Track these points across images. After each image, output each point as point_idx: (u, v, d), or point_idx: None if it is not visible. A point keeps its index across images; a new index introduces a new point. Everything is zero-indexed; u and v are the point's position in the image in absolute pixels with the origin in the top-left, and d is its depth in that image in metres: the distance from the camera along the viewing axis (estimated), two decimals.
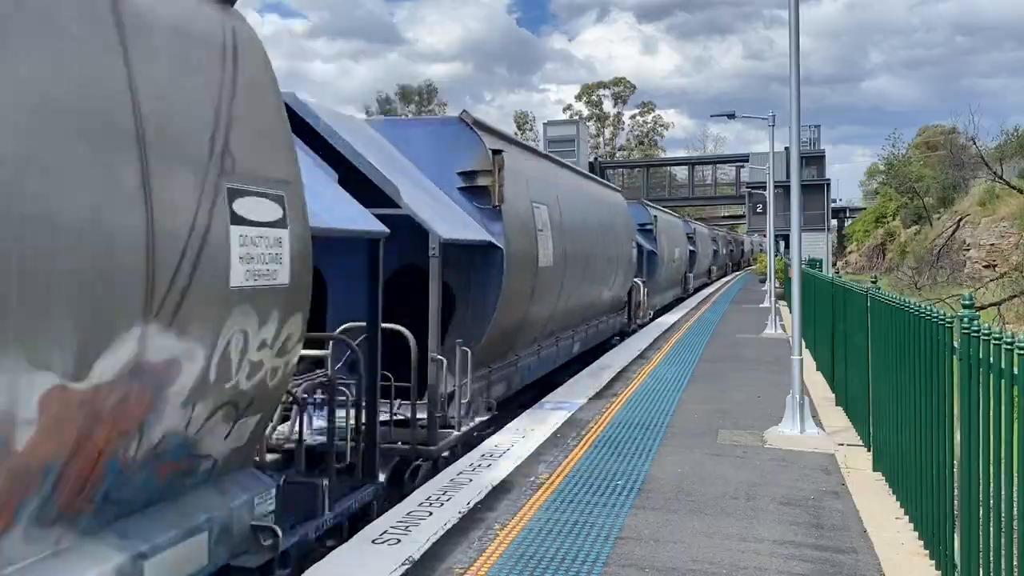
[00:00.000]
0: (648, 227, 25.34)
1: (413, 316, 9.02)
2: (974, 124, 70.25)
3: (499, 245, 9.83)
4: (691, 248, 36.78)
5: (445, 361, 8.86)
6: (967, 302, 5.04)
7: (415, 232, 8.55)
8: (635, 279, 21.44)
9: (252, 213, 4.39)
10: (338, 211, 6.22)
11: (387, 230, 6.70)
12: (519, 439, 9.26)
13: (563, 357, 14.44)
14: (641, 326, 22.51)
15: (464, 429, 9.09)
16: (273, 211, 4.59)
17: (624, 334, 20.63)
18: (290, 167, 4.87)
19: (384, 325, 7.27)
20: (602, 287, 16.64)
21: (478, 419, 9.54)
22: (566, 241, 12.96)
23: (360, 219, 6.47)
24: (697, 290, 40.23)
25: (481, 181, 9.91)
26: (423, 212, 8.61)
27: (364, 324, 7.03)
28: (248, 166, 4.42)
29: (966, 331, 4.71)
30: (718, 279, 53.31)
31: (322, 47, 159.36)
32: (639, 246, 22.34)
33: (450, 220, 9.26)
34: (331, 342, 8.17)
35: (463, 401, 9.13)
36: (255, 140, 4.53)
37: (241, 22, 4.67)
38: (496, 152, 9.99)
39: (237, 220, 4.27)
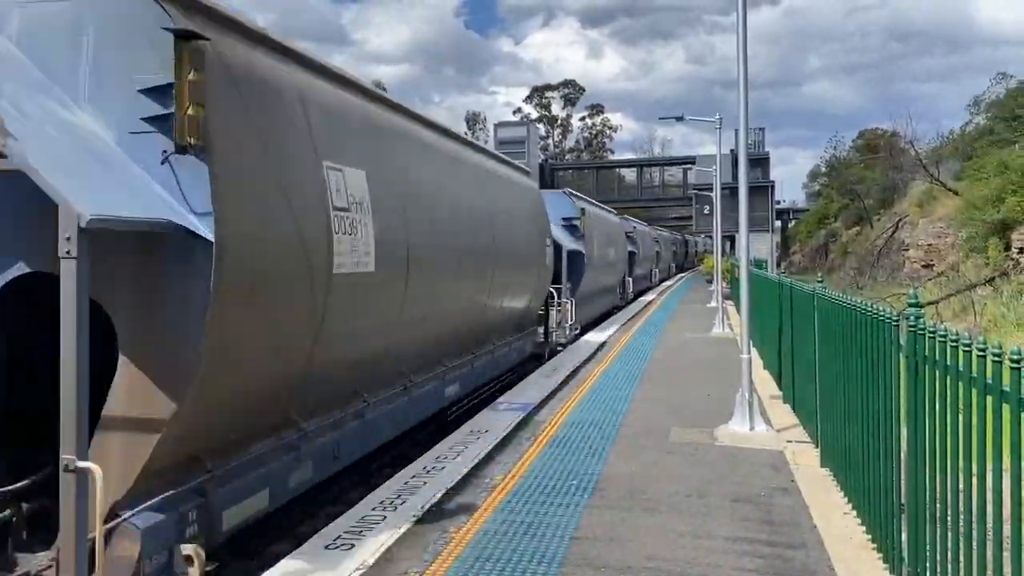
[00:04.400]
0: (574, 221, 20.57)
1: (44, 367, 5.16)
2: (912, 127, 72.27)
3: (200, 232, 4.95)
4: (631, 249, 32.68)
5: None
6: (913, 300, 5.15)
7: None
8: (553, 287, 17.59)
9: None
10: None
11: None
12: (473, 440, 9.22)
13: (416, 416, 9.51)
14: (563, 345, 18.48)
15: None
16: None
17: (539, 358, 16.82)
18: None
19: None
20: (493, 299, 12.38)
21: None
22: (412, 232, 8.59)
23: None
24: (638, 295, 36.69)
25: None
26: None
27: None
28: None
29: (912, 328, 4.82)
30: (661, 282, 49.75)
31: None
32: (556, 244, 17.83)
33: (111, 184, 4.90)
34: None
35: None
36: None
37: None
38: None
39: None
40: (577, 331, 20.06)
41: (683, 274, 65.99)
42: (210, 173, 5.03)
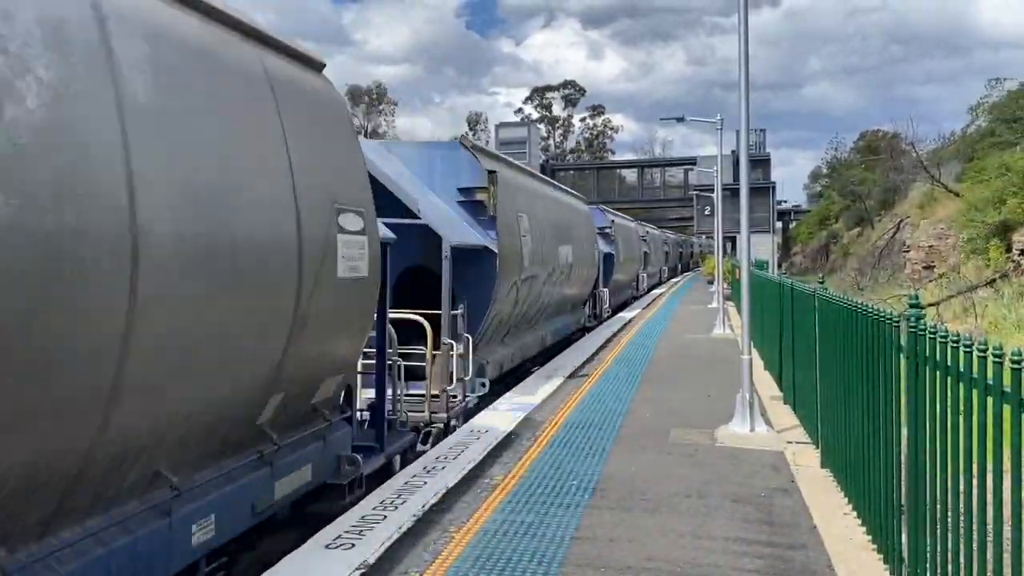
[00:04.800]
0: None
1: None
2: (913, 129, 72.24)
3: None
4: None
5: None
6: (914, 301, 5.15)
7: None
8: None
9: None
10: None
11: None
12: (474, 440, 9.23)
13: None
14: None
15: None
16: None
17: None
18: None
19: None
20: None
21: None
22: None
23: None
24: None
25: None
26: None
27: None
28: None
29: (913, 329, 4.83)
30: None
31: None
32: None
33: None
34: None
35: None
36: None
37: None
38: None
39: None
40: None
41: (687, 273, 67.13)
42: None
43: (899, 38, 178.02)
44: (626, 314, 27.65)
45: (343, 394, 7.12)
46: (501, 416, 10.62)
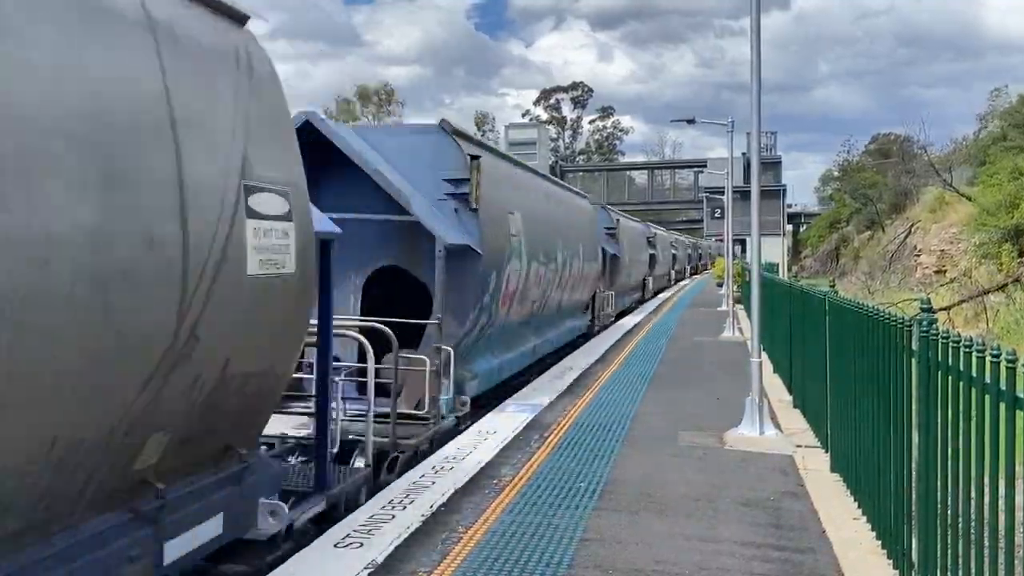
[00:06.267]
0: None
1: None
2: (925, 133, 71.94)
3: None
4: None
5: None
6: (925, 305, 5.13)
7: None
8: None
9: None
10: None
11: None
12: (482, 441, 9.23)
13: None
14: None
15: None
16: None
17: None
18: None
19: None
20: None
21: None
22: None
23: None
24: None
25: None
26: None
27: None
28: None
29: (924, 334, 4.80)
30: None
31: (283, 48, 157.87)
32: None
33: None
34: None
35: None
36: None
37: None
38: (474, 157, 10.32)
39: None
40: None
41: (696, 276, 66.65)
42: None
43: (907, 41, 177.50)
44: (631, 319, 26.35)
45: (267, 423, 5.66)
46: (509, 417, 10.62)
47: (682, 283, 54.87)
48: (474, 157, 10.30)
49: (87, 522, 3.94)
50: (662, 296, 39.76)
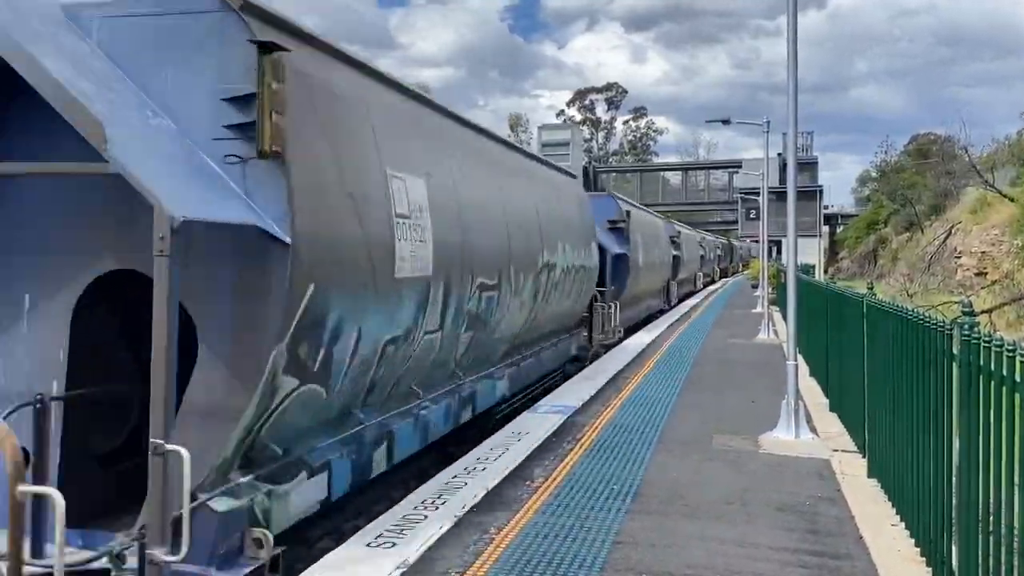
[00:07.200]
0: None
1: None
2: (966, 133, 70.68)
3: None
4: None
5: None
6: (967, 308, 5.03)
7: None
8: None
9: None
10: None
11: None
12: (514, 442, 9.23)
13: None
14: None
15: None
16: None
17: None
18: None
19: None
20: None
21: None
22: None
23: None
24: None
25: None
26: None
27: None
28: None
29: (966, 337, 4.71)
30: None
31: None
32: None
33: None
34: None
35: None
36: None
37: None
38: (269, 49, 5.13)
39: None
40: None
41: (727, 279, 65.31)
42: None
43: (946, 40, 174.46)
44: (646, 336, 21.05)
45: None
46: (542, 418, 10.60)
47: (713, 287, 50.39)
48: (267, 49, 5.09)
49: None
50: (689, 303, 35.01)
